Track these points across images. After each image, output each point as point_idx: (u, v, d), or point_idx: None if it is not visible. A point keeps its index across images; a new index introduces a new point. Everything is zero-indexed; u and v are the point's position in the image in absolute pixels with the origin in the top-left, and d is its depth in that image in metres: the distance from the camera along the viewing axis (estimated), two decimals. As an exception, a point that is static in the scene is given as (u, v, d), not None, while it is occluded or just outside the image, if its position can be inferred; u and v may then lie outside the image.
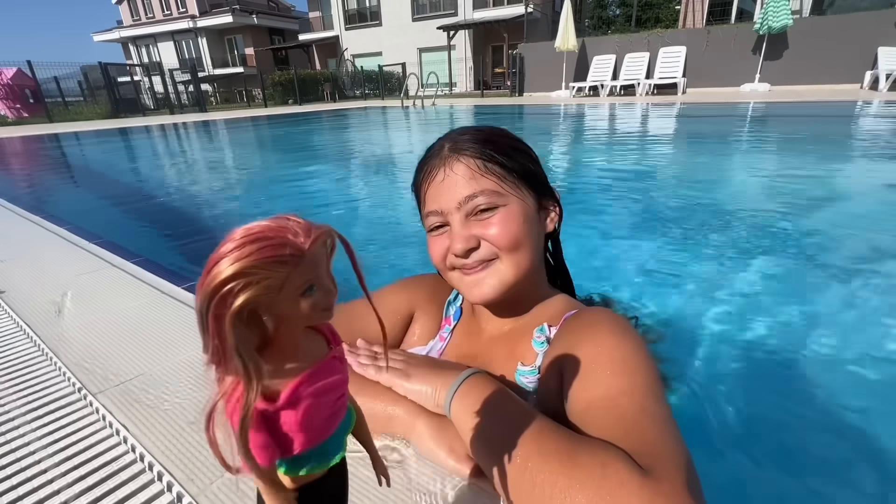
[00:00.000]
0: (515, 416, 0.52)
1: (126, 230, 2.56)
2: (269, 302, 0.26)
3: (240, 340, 0.25)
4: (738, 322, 1.40)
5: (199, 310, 0.25)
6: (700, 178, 3.37)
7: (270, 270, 0.25)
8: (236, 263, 0.25)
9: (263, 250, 0.25)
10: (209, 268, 0.25)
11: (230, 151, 6.78)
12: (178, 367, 0.94)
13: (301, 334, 0.32)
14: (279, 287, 0.26)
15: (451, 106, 12.96)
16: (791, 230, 2.16)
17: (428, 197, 0.70)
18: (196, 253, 2.11)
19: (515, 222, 0.66)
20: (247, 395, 0.26)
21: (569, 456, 0.45)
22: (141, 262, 1.52)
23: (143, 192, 3.91)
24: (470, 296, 0.70)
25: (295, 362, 0.30)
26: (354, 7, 24.02)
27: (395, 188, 3.63)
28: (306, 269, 0.27)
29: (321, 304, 0.29)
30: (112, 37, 31.74)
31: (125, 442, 0.73)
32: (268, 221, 0.27)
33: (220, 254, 0.26)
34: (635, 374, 0.54)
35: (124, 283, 1.38)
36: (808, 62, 10.82)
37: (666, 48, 12.28)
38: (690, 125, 6.97)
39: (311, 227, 0.28)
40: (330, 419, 0.33)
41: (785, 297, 1.56)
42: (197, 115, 14.49)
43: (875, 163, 3.64)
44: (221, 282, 0.24)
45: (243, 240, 0.26)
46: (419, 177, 0.73)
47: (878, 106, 7.37)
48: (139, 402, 0.83)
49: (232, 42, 29.28)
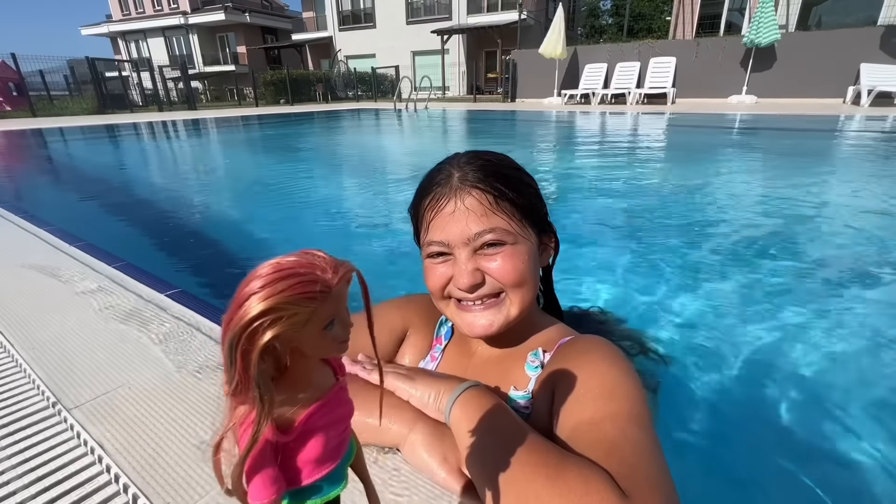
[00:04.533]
0: (510, 429, 0.54)
1: (108, 233, 2.50)
2: (293, 336, 0.27)
3: (261, 373, 0.26)
4: (726, 332, 1.41)
5: (229, 345, 0.26)
6: (686, 188, 3.41)
7: (300, 306, 0.26)
8: (268, 300, 0.25)
9: (295, 287, 0.26)
10: (239, 304, 0.26)
11: (220, 151, 6.70)
12: (158, 379, 0.91)
13: (314, 365, 0.32)
14: (305, 322, 0.27)
15: (444, 110, 12.98)
16: (775, 241, 2.19)
17: (433, 226, 0.68)
18: (182, 258, 2.08)
19: (522, 261, 0.67)
20: (258, 425, 0.27)
21: (556, 472, 0.46)
22: (123, 266, 1.49)
23: (127, 193, 3.83)
24: (469, 331, 0.70)
25: (307, 392, 0.31)
26: (349, 8, 23.98)
27: (386, 192, 3.62)
28: (331, 305, 0.28)
29: (339, 338, 0.30)
30: (101, 31, 31.24)
31: (100, 461, 0.71)
32: (296, 257, 0.28)
33: (249, 290, 0.26)
34: (622, 400, 0.55)
35: (105, 290, 1.34)
36: (794, 76, 11.07)
37: (656, 58, 12.47)
38: (679, 135, 7.07)
39: (338, 264, 0.29)
40: (337, 449, 0.34)
41: (772, 309, 1.58)
42: (186, 112, 14.30)
43: (854, 176, 3.73)
44: (252, 318, 0.25)
45: (273, 276, 0.26)
46: (424, 202, 0.70)
47: (860, 121, 7.56)
48: (116, 417, 0.80)
49: (224, 40, 29.01)
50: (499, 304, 0.68)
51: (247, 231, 2.60)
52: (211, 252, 2.23)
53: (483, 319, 0.68)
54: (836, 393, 1.16)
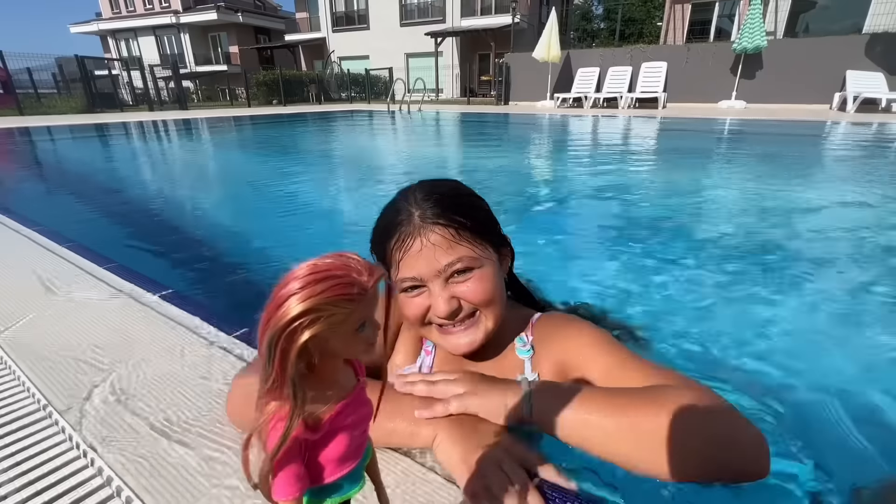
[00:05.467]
0: (595, 394, 0.65)
1: (100, 234, 2.47)
2: (329, 336, 0.28)
3: (297, 370, 0.27)
4: (709, 328, 1.43)
5: (268, 343, 0.26)
6: (676, 190, 3.45)
7: (337, 307, 0.27)
8: (307, 301, 0.26)
9: (334, 288, 0.27)
10: (278, 304, 0.26)
11: (211, 151, 6.65)
12: (152, 380, 0.90)
13: (340, 365, 0.33)
14: (341, 323, 0.28)
15: (437, 112, 13.01)
16: (763, 241, 2.23)
17: (403, 265, 0.72)
18: (175, 259, 2.06)
19: (490, 281, 0.74)
20: (290, 421, 0.28)
21: (660, 397, 0.60)
22: (114, 267, 1.47)
23: (117, 193, 3.78)
24: (455, 351, 0.77)
25: (333, 391, 0.32)
26: (342, 10, 23.94)
27: (379, 194, 3.61)
28: (366, 307, 0.29)
29: (370, 340, 0.31)
30: (90, 29, 30.85)
31: (92, 464, 0.70)
32: (331, 259, 0.29)
33: (288, 291, 0.27)
34: (613, 345, 0.74)
35: (96, 291, 1.33)
36: (782, 82, 11.25)
37: (648, 63, 12.61)
38: (671, 139, 7.16)
39: (372, 267, 0.30)
40: (358, 449, 0.35)
41: (746, 306, 1.60)
42: (177, 112, 14.16)
43: (840, 180, 3.80)
44: (292, 318, 0.26)
45: (311, 277, 0.27)
46: (389, 243, 0.74)
47: (846, 126, 7.71)
48: (109, 419, 0.79)
49: (216, 39, 28.80)
50: (476, 323, 0.75)
51: (241, 233, 2.59)
52: (204, 253, 2.21)
53: (465, 338, 0.75)
54: (828, 383, 1.19)
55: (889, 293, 1.70)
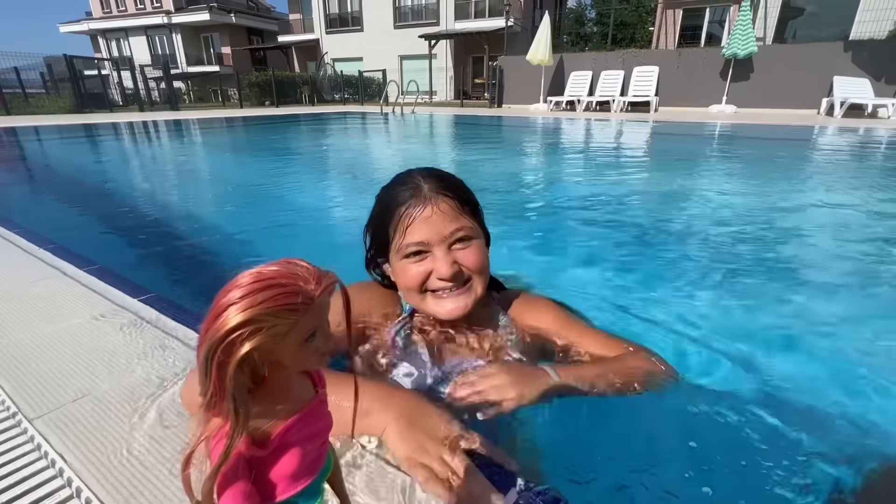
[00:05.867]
0: (591, 369, 0.86)
1: (81, 235, 2.42)
2: (272, 348, 0.27)
3: (237, 385, 0.26)
4: (687, 329, 1.43)
5: (205, 356, 0.25)
6: (667, 192, 3.47)
7: (280, 318, 0.25)
8: (247, 311, 0.24)
9: (276, 298, 0.25)
10: (217, 314, 0.25)
11: (202, 153, 6.59)
12: (126, 388, 0.88)
13: (294, 377, 0.31)
14: (285, 334, 0.26)
15: (431, 114, 13.01)
16: (749, 241, 2.24)
17: (411, 230, 0.81)
18: (158, 261, 2.02)
19: (483, 252, 0.87)
20: (231, 439, 0.27)
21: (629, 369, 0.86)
22: (95, 270, 1.44)
23: (101, 194, 3.71)
24: (447, 315, 0.86)
25: (285, 404, 0.30)
26: (336, 11, 23.91)
27: (371, 197, 3.59)
28: (313, 317, 0.28)
29: (321, 350, 0.29)
30: (80, 28, 30.53)
31: (61, 475, 0.68)
32: (278, 266, 0.28)
33: (228, 300, 0.25)
34: (573, 319, 1.00)
35: (75, 294, 1.29)
36: (771, 87, 11.40)
37: (640, 67, 12.72)
38: (665, 142, 7.21)
39: (321, 275, 0.28)
40: (313, 464, 0.32)
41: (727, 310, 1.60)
42: (168, 113, 14.03)
43: (829, 185, 3.84)
44: (230, 329, 0.24)
45: (254, 286, 0.25)
46: (398, 210, 0.83)
47: (833, 131, 7.82)
48: (80, 428, 0.77)
49: (208, 40, 28.62)
50: (467, 290, 0.86)
51: (226, 235, 2.55)
52: (188, 256, 2.17)
53: (459, 303, 0.85)
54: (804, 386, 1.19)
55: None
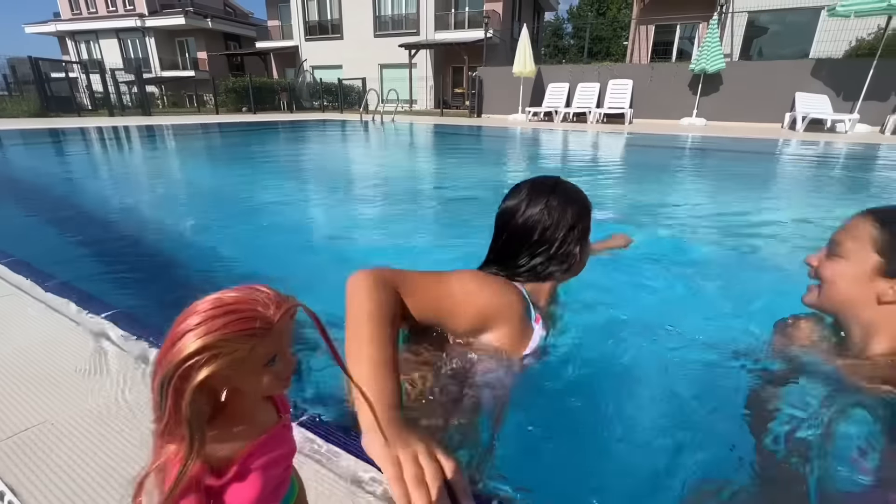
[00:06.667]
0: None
1: (41, 248, 2.30)
2: (232, 374, 0.27)
3: (194, 411, 0.25)
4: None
5: (160, 384, 0.25)
6: (636, 203, 3.56)
7: (237, 344, 0.25)
8: (204, 338, 0.24)
9: (233, 324, 0.25)
10: (173, 341, 0.25)
11: (173, 160, 6.41)
12: (86, 415, 0.83)
13: (255, 402, 0.30)
14: (243, 359, 0.26)
15: (411, 123, 13.05)
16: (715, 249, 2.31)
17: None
18: (122, 276, 1.94)
19: None
20: (184, 465, 0.26)
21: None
22: (54, 286, 1.37)
23: (64, 204, 3.53)
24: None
25: (245, 429, 0.29)
26: (315, 19, 23.83)
27: (351, 207, 3.56)
28: (272, 342, 0.27)
29: (282, 375, 0.29)
30: (47, 29, 29.50)
31: (10, 511, 0.64)
32: (236, 292, 0.27)
33: (185, 327, 0.25)
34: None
35: (31, 312, 1.23)
36: (738, 101, 11.90)
37: (615, 80, 13.08)
38: (639, 154, 7.41)
39: (281, 299, 0.28)
40: (276, 491, 0.31)
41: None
42: (140, 118, 13.65)
43: (791, 194, 4.02)
44: (186, 356, 0.24)
45: (212, 312, 0.25)
46: (590, 214, 1.12)
47: (796, 144, 8.20)
48: (34, 459, 0.72)
49: (183, 44, 28.06)
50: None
51: (198, 248, 2.47)
52: (157, 270, 2.09)
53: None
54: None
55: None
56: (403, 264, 0.98)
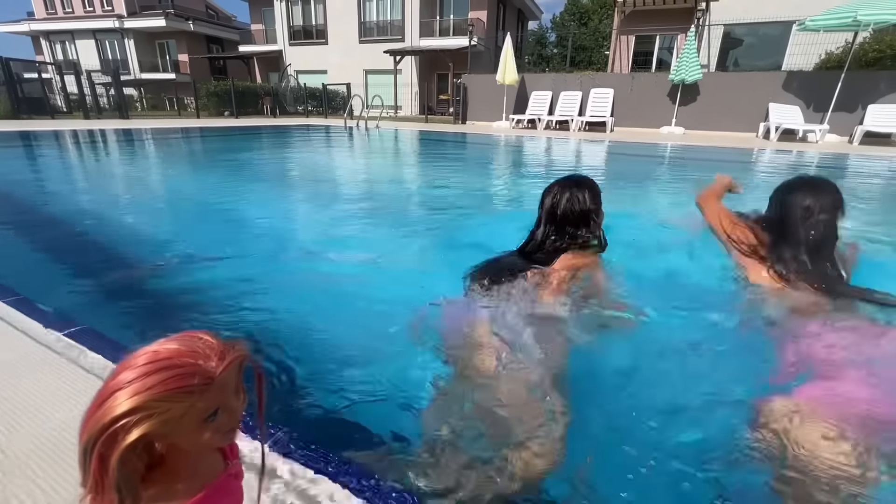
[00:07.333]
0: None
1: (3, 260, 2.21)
2: (168, 431, 0.25)
3: (124, 474, 0.23)
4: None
5: (84, 447, 0.23)
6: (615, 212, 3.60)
7: (173, 402, 0.23)
8: (135, 397, 0.22)
9: (169, 381, 0.23)
10: (102, 399, 0.23)
11: (150, 166, 6.26)
12: (45, 438, 0.79)
13: (198, 454, 0.28)
14: (180, 416, 0.24)
15: (396, 129, 13.03)
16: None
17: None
18: (88, 290, 1.86)
19: None
20: None
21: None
22: (16, 301, 1.31)
23: (32, 210, 3.41)
24: None
25: (186, 483, 0.27)
26: (300, 23, 23.68)
27: (334, 215, 3.52)
28: (213, 396, 0.26)
29: (224, 428, 0.27)
30: (20, 29, 28.64)
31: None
32: (176, 342, 0.26)
33: (116, 384, 0.23)
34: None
35: (-11, 329, 1.17)
36: (715, 111, 12.21)
37: (596, 89, 13.31)
38: (619, 161, 7.53)
39: (225, 350, 0.27)
40: None
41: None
42: (117, 121, 13.32)
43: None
44: (114, 419, 0.22)
45: (147, 367, 0.24)
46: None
47: (770, 153, 8.45)
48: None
49: (164, 47, 27.55)
50: None
51: (171, 260, 2.39)
52: (125, 284, 2.02)
53: None
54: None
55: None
56: (383, 269, 0.97)
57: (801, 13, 11.10)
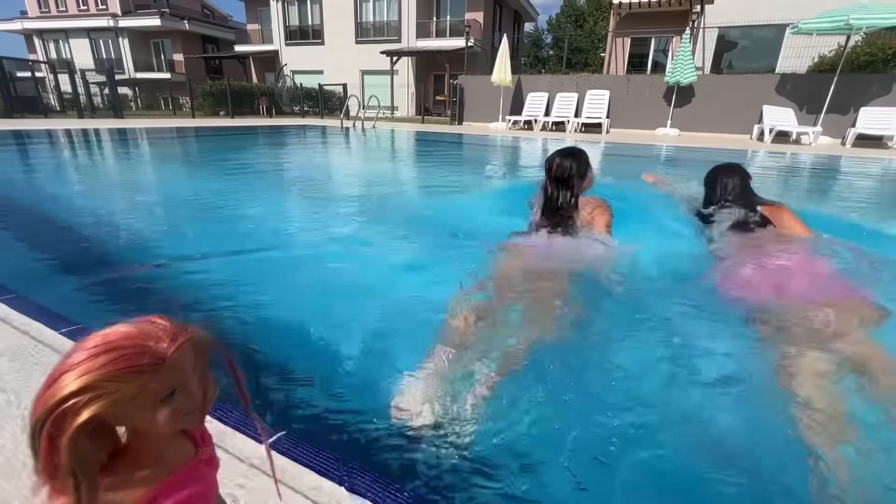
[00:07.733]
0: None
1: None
2: (121, 413, 0.25)
3: (78, 458, 0.23)
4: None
5: (32, 428, 0.22)
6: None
7: (123, 382, 0.23)
8: (84, 377, 0.22)
9: (117, 361, 0.23)
10: (51, 381, 0.22)
11: (144, 165, 6.23)
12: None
13: (163, 439, 0.27)
14: (133, 397, 0.24)
15: (392, 130, 13.03)
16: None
17: None
18: (85, 289, 1.85)
19: None
20: None
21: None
22: (9, 299, 1.30)
23: (26, 210, 3.39)
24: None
25: (151, 470, 0.27)
26: (296, 24, 23.63)
27: (330, 215, 3.52)
28: (167, 376, 0.26)
29: (184, 409, 0.27)
30: (13, 27, 28.41)
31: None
32: (128, 327, 0.26)
33: (66, 365, 0.23)
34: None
35: (-16, 327, 1.16)
36: (710, 113, 12.30)
37: (592, 90, 13.36)
38: (615, 162, 7.56)
39: (178, 332, 0.26)
40: None
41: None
42: (111, 120, 13.24)
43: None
44: (61, 399, 0.22)
45: (97, 349, 0.24)
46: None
47: (764, 155, 8.52)
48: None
49: (159, 46, 27.42)
50: None
51: (170, 259, 2.39)
52: (121, 283, 2.01)
53: None
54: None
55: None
56: (377, 267, 0.97)
57: (795, 16, 11.21)
